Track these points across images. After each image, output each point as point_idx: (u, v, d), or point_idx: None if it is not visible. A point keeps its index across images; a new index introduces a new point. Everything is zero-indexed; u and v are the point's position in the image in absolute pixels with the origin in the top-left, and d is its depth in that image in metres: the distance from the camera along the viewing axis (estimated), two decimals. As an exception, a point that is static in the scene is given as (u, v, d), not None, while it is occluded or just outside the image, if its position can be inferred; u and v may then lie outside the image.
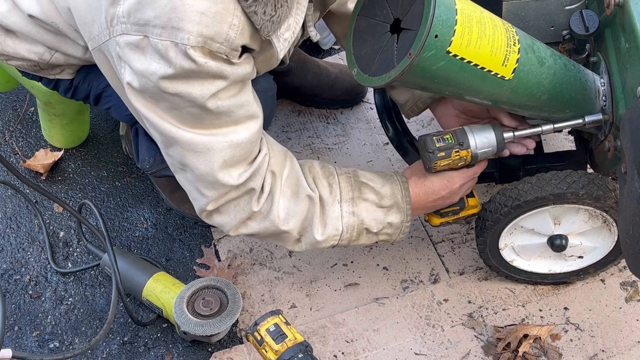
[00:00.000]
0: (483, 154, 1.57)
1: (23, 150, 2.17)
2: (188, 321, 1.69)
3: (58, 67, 1.66)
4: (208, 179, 1.45)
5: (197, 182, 1.46)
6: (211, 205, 1.50)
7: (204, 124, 1.39)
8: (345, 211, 1.58)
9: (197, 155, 1.41)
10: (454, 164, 1.56)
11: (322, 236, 1.57)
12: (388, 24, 1.37)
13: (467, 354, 1.75)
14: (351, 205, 1.58)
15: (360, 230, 1.59)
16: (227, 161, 1.43)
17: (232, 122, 1.41)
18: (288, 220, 1.54)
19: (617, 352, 1.74)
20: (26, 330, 1.81)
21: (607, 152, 1.54)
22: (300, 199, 1.54)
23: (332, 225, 1.57)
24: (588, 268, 1.78)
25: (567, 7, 1.58)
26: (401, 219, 1.61)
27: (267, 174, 1.51)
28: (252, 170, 1.47)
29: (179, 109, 1.36)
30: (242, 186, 1.47)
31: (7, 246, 1.97)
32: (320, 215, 1.56)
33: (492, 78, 1.40)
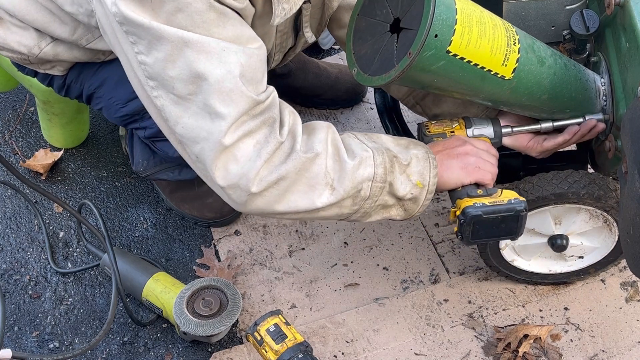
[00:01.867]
0: (476, 121, 1.55)
1: (23, 150, 2.17)
2: (188, 321, 1.69)
3: (48, 63, 1.66)
4: (226, 85, 1.28)
5: (212, 95, 1.29)
6: (230, 135, 1.30)
7: (210, 31, 1.27)
8: (366, 140, 1.44)
9: (210, 56, 1.27)
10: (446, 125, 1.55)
11: (354, 160, 1.39)
12: (388, 23, 1.37)
13: (467, 354, 1.74)
14: (368, 138, 1.45)
15: (390, 157, 1.42)
16: (244, 66, 1.29)
17: (239, 36, 1.30)
18: (314, 147, 1.37)
19: (617, 352, 1.74)
20: (26, 331, 1.81)
21: (608, 152, 1.54)
22: (319, 128, 1.41)
23: (359, 148, 1.41)
24: (588, 268, 1.78)
25: (568, 6, 1.58)
26: (424, 150, 1.46)
27: (285, 110, 1.39)
28: (267, 95, 1.34)
29: (184, 10, 1.24)
30: (261, 113, 1.33)
31: (7, 246, 1.97)
32: (342, 142, 1.41)
33: (492, 78, 1.40)
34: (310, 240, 1.96)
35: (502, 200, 1.43)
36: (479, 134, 1.55)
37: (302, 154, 1.36)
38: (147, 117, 1.64)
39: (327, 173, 1.39)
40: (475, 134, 1.55)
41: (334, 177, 1.39)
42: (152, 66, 1.30)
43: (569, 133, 1.57)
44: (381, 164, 1.41)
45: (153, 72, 1.31)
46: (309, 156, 1.37)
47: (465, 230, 1.43)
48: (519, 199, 1.45)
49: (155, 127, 1.60)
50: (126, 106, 1.67)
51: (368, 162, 1.40)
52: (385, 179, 1.42)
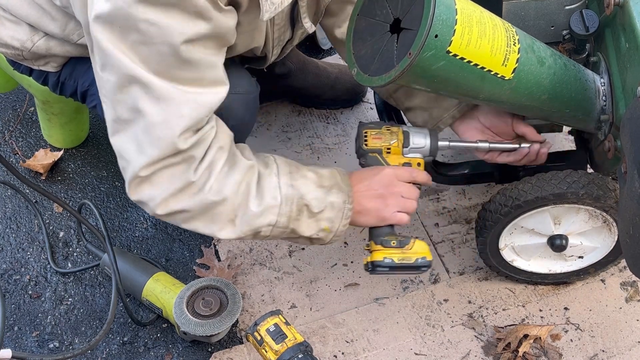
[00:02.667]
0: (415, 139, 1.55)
1: (23, 150, 2.17)
2: (188, 321, 1.69)
3: (42, 59, 1.66)
4: (158, 133, 1.33)
5: (145, 134, 1.34)
6: (146, 169, 1.37)
7: (169, 72, 1.30)
8: (284, 183, 1.47)
9: (155, 102, 1.30)
10: (384, 139, 1.55)
11: (259, 207, 1.44)
12: (388, 23, 1.37)
13: (467, 354, 1.75)
14: (290, 179, 1.48)
15: (300, 206, 1.47)
16: (184, 118, 1.32)
17: (197, 81, 1.33)
18: (222, 190, 1.42)
19: (617, 352, 1.74)
20: (26, 330, 1.81)
21: (607, 152, 1.54)
22: (238, 168, 1.44)
23: (269, 195, 1.45)
24: (588, 268, 1.78)
25: (567, 7, 1.58)
26: (343, 199, 1.50)
27: (214, 147, 1.41)
28: (198, 137, 1.37)
29: (148, 45, 1.26)
30: (185, 152, 1.37)
31: (7, 246, 1.97)
32: (256, 185, 1.45)
33: (492, 78, 1.40)
34: (310, 240, 1.96)
35: (409, 258, 1.52)
36: (414, 155, 1.57)
37: (210, 196, 1.41)
38: None
39: (232, 211, 1.45)
40: (410, 155, 1.57)
41: (238, 214, 1.45)
42: (103, 82, 1.34)
43: (519, 154, 1.63)
44: (286, 214, 1.47)
45: (102, 86, 1.36)
46: (215, 199, 1.42)
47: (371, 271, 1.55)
48: (426, 258, 1.53)
49: None
50: None
51: (272, 211, 1.46)
52: (288, 226, 1.49)
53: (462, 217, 2.00)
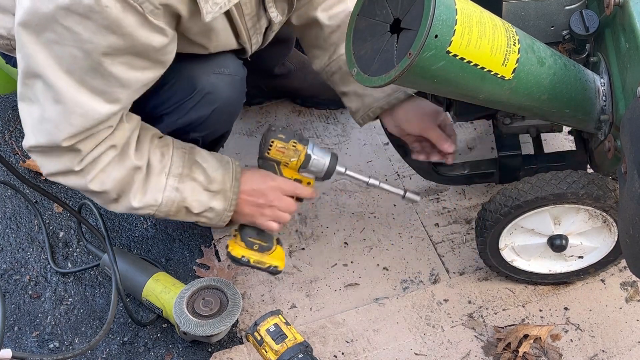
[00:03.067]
0: (314, 162, 1.63)
1: (23, 150, 2.17)
2: (188, 321, 1.69)
3: None
4: (47, 127, 1.40)
5: (37, 121, 1.41)
6: (35, 149, 1.45)
7: (77, 74, 1.34)
8: (170, 185, 1.55)
9: (52, 102, 1.37)
10: (286, 154, 1.61)
11: (139, 203, 1.54)
12: (388, 24, 1.37)
13: (467, 354, 1.75)
14: (177, 181, 1.56)
15: (179, 207, 1.58)
16: (73, 127, 1.39)
17: (101, 93, 1.37)
18: (104, 183, 1.50)
19: (617, 352, 1.74)
20: (26, 330, 1.81)
21: (607, 152, 1.54)
22: (123, 166, 1.51)
23: (151, 195, 1.54)
24: (588, 268, 1.78)
25: (567, 7, 1.58)
26: (224, 207, 1.61)
27: (105, 144, 1.46)
28: (87, 135, 1.42)
29: (61, 45, 1.31)
30: (72, 146, 1.44)
31: (7, 246, 1.97)
32: (142, 183, 1.53)
33: (492, 78, 1.40)
34: (310, 240, 1.96)
35: (263, 263, 1.67)
36: (307, 175, 1.66)
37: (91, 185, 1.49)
38: None
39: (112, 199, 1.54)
40: (304, 174, 1.66)
41: (120, 200, 1.54)
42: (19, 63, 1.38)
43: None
44: (164, 211, 1.58)
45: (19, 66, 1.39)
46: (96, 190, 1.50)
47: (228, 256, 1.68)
48: (277, 267, 1.69)
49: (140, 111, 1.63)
50: None
51: (151, 207, 1.56)
52: (166, 217, 1.61)
53: (462, 217, 2.00)
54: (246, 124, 2.20)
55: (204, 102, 1.59)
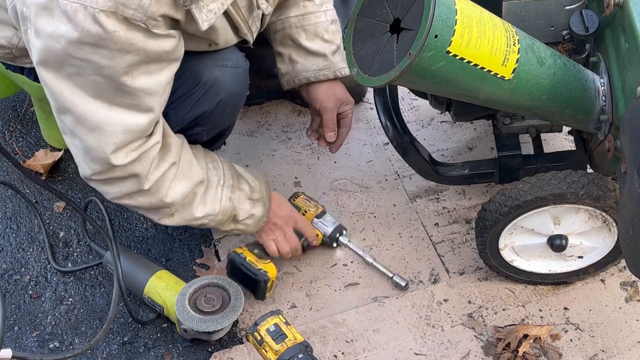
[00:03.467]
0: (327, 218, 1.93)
1: (23, 150, 2.17)
2: (191, 317, 1.69)
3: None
4: (95, 154, 1.46)
5: (84, 152, 1.47)
6: (96, 176, 1.51)
7: (105, 96, 1.37)
8: (225, 196, 1.66)
9: (88, 131, 1.42)
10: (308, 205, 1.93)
11: (201, 213, 1.64)
12: (388, 24, 1.38)
13: (467, 354, 1.75)
14: (230, 192, 1.67)
15: (230, 215, 1.68)
16: (118, 144, 1.44)
17: (133, 107, 1.40)
18: (173, 197, 1.58)
19: (617, 352, 1.74)
20: (26, 330, 1.81)
21: (607, 152, 1.54)
22: (190, 180, 1.60)
23: (211, 206, 1.65)
24: (588, 268, 1.78)
25: (567, 7, 1.59)
26: (263, 214, 1.74)
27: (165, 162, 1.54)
28: (140, 153, 1.48)
29: (83, 76, 1.34)
30: (128, 167, 1.49)
31: (7, 246, 1.97)
32: (203, 195, 1.63)
33: (492, 78, 1.40)
34: (310, 240, 1.96)
35: (255, 265, 1.79)
36: (317, 228, 1.90)
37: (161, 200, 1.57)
38: None
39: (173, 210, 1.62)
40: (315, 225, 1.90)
41: (179, 211, 1.63)
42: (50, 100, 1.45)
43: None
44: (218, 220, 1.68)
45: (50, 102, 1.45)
46: (164, 203, 1.58)
47: (227, 265, 1.83)
48: (267, 274, 1.78)
49: None
50: None
51: (208, 217, 1.66)
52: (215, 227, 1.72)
53: (462, 217, 2.00)
54: (246, 124, 2.21)
55: (208, 94, 1.62)
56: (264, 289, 1.79)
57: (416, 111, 2.23)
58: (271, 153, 2.13)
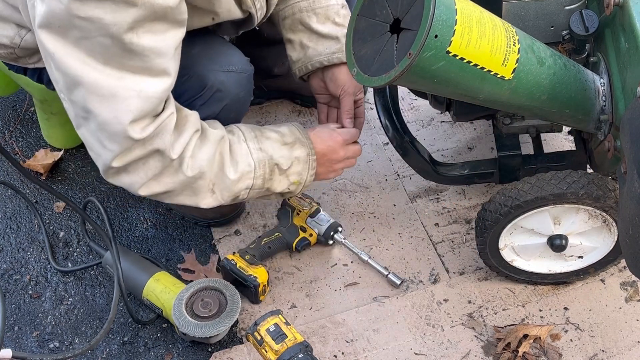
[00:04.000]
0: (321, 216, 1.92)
1: (23, 150, 2.17)
2: (187, 323, 1.69)
3: (35, 55, 1.66)
4: (111, 129, 1.39)
5: (100, 132, 1.40)
6: (117, 161, 1.43)
7: (114, 61, 1.33)
8: (253, 148, 1.58)
9: (101, 100, 1.35)
10: (302, 203, 1.93)
11: (236, 174, 1.55)
12: (388, 24, 1.38)
13: (467, 354, 1.75)
14: (256, 142, 1.59)
15: (271, 166, 1.59)
16: (132, 112, 1.37)
17: (145, 70, 1.36)
18: (199, 166, 1.51)
19: (617, 352, 1.74)
20: (26, 330, 1.81)
21: (607, 152, 1.54)
22: (210, 141, 1.52)
23: (243, 162, 1.56)
24: (588, 268, 1.78)
25: (567, 7, 1.59)
26: (307, 152, 1.64)
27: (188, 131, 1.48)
28: (157, 125, 1.42)
29: (89, 39, 1.30)
30: (148, 143, 1.42)
31: (7, 246, 1.97)
32: (230, 155, 1.55)
33: (492, 78, 1.40)
34: (310, 240, 1.96)
35: (246, 271, 1.80)
36: (312, 227, 1.90)
37: (189, 172, 1.50)
38: None
39: (210, 182, 1.54)
40: (309, 224, 1.91)
41: (215, 183, 1.55)
42: (57, 82, 1.40)
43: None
44: (261, 176, 1.59)
45: (57, 83, 1.40)
46: (194, 175, 1.51)
47: (221, 272, 1.86)
48: (257, 279, 1.78)
49: None
50: None
51: (248, 176, 1.57)
52: (263, 186, 1.61)
53: (462, 217, 2.00)
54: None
55: (213, 99, 1.61)
56: (255, 293, 1.80)
57: (416, 111, 2.23)
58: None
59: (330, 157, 1.70)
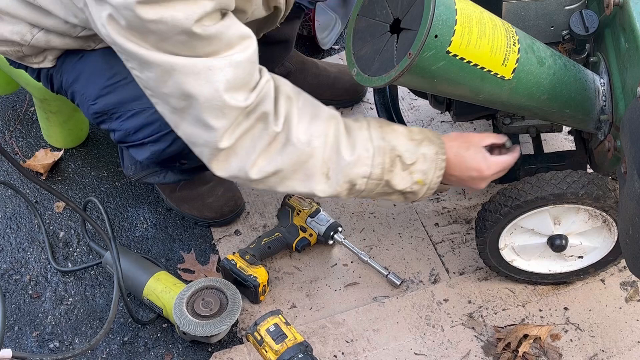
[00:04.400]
0: (321, 216, 1.91)
1: (23, 150, 2.17)
2: (188, 322, 1.69)
3: (41, 54, 1.65)
4: (214, 103, 1.35)
5: (204, 112, 1.35)
6: (225, 140, 1.38)
7: (197, 51, 1.32)
8: (375, 136, 1.47)
9: (198, 77, 1.33)
10: (302, 203, 1.93)
11: (352, 156, 1.44)
12: (388, 24, 1.38)
13: (467, 354, 1.75)
14: (380, 132, 1.48)
15: (392, 157, 1.47)
16: (230, 81, 1.34)
17: (225, 46, 1.34)
18: (311, 141, 1.43)
19: (617, 352, 1.74)
20: (26, 330, 1.81)
21: (607, 152, 1.54)
22: (322, 119, 1.45)
23: (361, 146, 1.45)
24: (588, 268, 1.78)
25: (567, 7, 1.58)
26: (435, 150, 1.50)
27: (281, 98, 1.43)
28: (258, 92, 1.38)
29: (167, 40, 1.30)
30: (253, 111, 1.38)
31: (7, 246, 1.97)
32: (346, 136, 1.46)
33: (492, 78, 1.40)
34: (310, 240, 1.96)
35: (245, 271, 1.80)
36: (311, 227, 1.90)
37: (299, 145, 1.42)
38: (114, 119, 1.63)
39: (323, 163, 1.45)
40: (309, 224, 1.91)
41: (330, 166, 1.45)
42: (146, 81, 1.38)
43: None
44: (379, 164, 1.47)
45: (147, 85, 1.39)
46: (305, 150, 1.42)
47: (221, 271, 1.86)
48: (257, 279, 1.79)
49: (121, 131, 1.63)
50: (95, 104, 1.63)
51: (365, 162, 1.46)
52: (382, 178, 1.48)
53: (462, 217, 2.00)
54: (246, 124, 2.21)
55: None
56: (255, 293, 1.80)
57: (416, 111, 2.23)
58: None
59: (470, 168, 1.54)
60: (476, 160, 1.53)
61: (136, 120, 1.60)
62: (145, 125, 1.60)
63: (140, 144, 1.63)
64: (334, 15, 2.44)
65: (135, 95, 1.53)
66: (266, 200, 2.04)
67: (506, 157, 1.56)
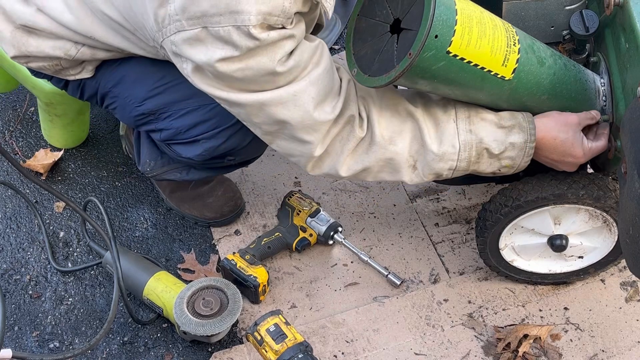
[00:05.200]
0: (321, 216, 1.92)
1: (23, 150, 2.17)
2: (188, 321, 1.69)
3: (79, 66, 1.64)
4: (306, 123, 1.45)
5: (297, 132, 1.46)
6: (318, 148, 1.49)
7: (279, 83, 1.40)
8: (462, 129, 1.50)
9: (286, 106, 1.42)
10: (302, 203, 1.93)
11: (438, 152, 1.49)
12: (388, 24, 1.38)
13: (467, 354, 1.75)
14: (468, 123, 1.51)
15: (479, 150, 1.51)
16: (316, 97, 1.43)
17: (302, 69, 1.41)
18: (394, 139, 1.50)
19: (617, 352, 1.74)
20: (26, 330, 1.81)
21: (607, 153, 1.54)
22: (402, 116, 1.51)
23: (447, 142, 1.50)
24: (588, 268, 1.78)
25: (567, 7, 1.59)
26: (524, 139, 1.51)
27: (359, 100, 1.51)
28: (343, 98, 1.47)
29: (253, 83, 1.38)
30: (340, 117, 1.47)
31: (7, 246, 1.97)
32: (433, 131, 1.50)
33: (492, 78, 1.40)
34: (310, 240, 1.96)
35: (246, 271, 1.80)
36: (311, 227, 1.91)
37: (384, 144, 1.50)
38: (162, 118, 1.65)
39: (409, 157, 1.53)
40: (309, 224, 1.91)
41: (417, 159, 1.53)
42: (237, 114, 1.49)
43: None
44: (465, 159, 1.53)
45: (237, 116, 1.50)
46: (390, 149, 1.51)
47: (221, 271, 1.86)
48: (257, 279, 1.78)
49: (171, 129, 1.65)
50: (142, 105, 1.65)
51: (451, 157, 1.52)
52: (468, 168, 1.55)
53: (462, 217, 2.00)
54: (246, 124, 2.21)
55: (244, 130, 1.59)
56: (255, 293, 1.80)
57: (416, 111, 2.23)
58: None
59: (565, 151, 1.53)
60: (574, 147, 1.52)
61: (189, 118, 1.63)
62: (199, 122, 1.63)
63: (192, 141, 1.66)
64: (334, 15, 2.44)
65: (188, 94, 1.59)
66: (266, 200, 2.04)
67: (601, 142, 1.54)
